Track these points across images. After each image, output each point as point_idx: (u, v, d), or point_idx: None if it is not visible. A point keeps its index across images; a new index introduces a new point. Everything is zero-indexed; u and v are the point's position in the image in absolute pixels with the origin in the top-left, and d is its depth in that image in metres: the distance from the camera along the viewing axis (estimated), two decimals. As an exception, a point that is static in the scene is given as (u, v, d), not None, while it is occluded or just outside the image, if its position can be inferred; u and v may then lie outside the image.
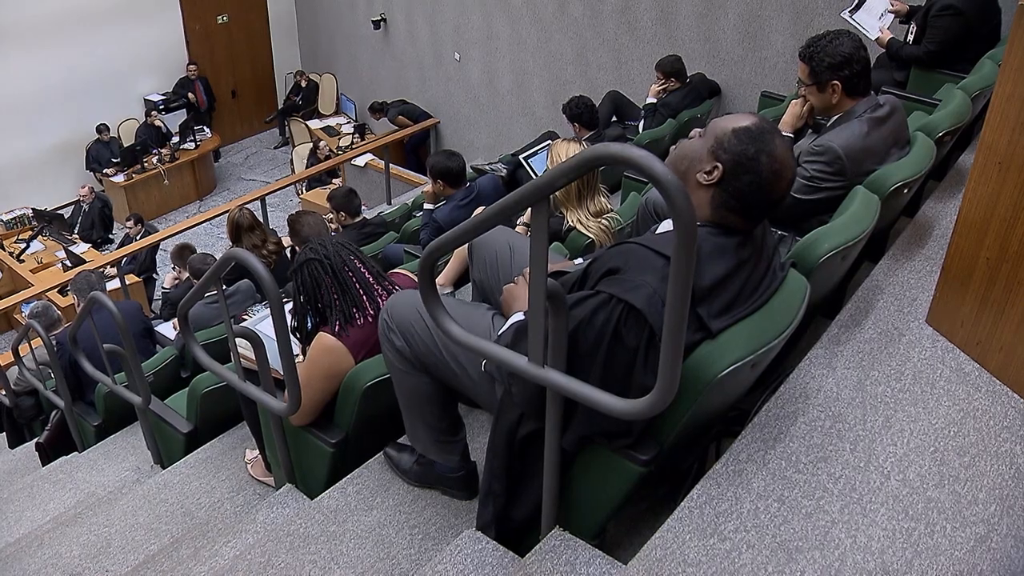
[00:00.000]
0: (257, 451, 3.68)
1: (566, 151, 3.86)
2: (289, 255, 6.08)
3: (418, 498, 2.88)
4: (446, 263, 4.08)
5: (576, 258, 3.25)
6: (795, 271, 2.32)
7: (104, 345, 4.23)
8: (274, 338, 2.89)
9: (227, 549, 3.05)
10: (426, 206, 5.42)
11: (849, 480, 2.27)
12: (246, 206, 5.97)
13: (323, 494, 2.98)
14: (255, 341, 2.82)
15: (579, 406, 2.05)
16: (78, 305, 5.45)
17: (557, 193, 3.10)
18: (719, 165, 2.03)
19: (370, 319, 2.84)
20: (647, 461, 2.10)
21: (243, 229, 5.60)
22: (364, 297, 2.88)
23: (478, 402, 2.70)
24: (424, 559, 2.65)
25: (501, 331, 2.33)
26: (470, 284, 4.25)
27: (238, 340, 2.94)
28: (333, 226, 5.64)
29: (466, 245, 3.24)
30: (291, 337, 2.75)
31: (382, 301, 2.87)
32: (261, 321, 3.29)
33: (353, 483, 2.98)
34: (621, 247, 2.13)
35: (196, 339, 3.20)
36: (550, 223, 1.80)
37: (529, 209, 1.86)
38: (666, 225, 2.19)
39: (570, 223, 3.81)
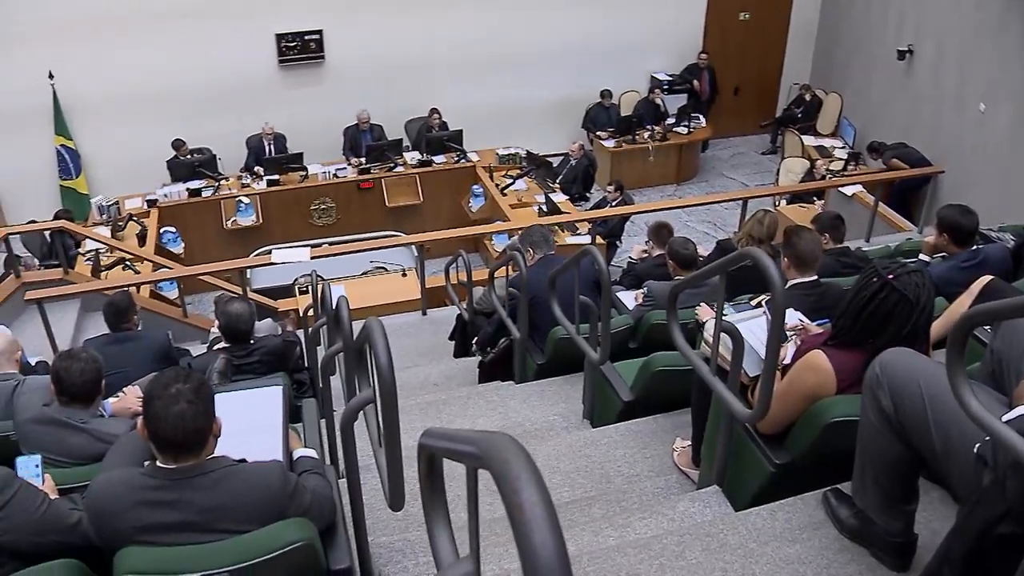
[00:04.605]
0: (689, 442, 3.72)
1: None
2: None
3: (845, 550, 2.72)
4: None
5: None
6: None
7: (580, 296, 4.48)
8: (750, 341, 2.92)
9: (641, 525, 3.12)
10: (922, 256, 5.07)
11: None
12: (772, 213, 5.86)
13: (751, 509, 2.95)
14: (737, 340, 2.84)
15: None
16: (526, 253, 5.74)
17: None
18: None
19: None
20: None
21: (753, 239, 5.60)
22: None
23: (950, 484, 2.52)
24: (836, 614, 2.55)
25: (1010, 416, 2.17)
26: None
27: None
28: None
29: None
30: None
31: None
32: (738, 322, 3.31)
33: (784, 510, 2.90)
34: None
35: (678, 320, 3.29)
36: None
37: None
38: None
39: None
